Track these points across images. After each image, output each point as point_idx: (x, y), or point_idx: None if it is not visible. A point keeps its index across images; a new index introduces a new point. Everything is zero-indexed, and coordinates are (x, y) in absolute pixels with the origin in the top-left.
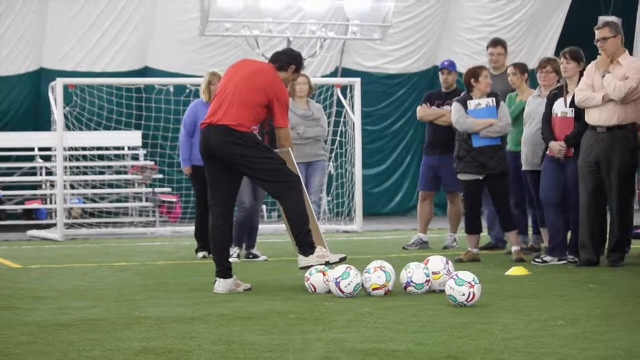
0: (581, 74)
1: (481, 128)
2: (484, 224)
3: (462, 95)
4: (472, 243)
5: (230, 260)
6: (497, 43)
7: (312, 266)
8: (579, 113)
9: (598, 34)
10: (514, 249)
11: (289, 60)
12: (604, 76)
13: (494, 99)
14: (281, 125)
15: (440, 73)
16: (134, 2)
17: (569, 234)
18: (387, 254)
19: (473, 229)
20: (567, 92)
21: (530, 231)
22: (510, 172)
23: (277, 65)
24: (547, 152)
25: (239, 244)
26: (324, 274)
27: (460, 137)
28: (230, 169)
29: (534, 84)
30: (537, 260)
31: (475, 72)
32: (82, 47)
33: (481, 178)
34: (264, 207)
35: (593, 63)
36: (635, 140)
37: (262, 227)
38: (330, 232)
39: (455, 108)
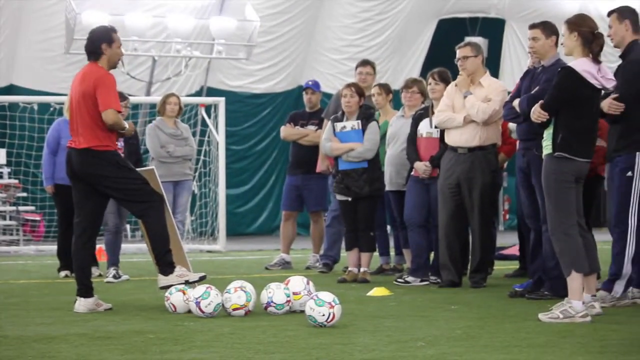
0: None
1: (338, 153)
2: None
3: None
4: (351, 261)
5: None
6: (366, 63)
7: (171, 285)
8: (444, 133)
9: (459, 53)
10: (362, 269)
11: (98, 43)
12: (465, 97)
13: (360, 121)
14: (107, 108)
15: (304, 92)
16: None
17: (432, 255)
18: (249, 273)
19: (349, 245)
20: (433, 113)
21: (393, 252)
22: (380, 195)
23: (93, 57)
24: (412, 172)
25: (114, 263)
26: (184, 293)
27: None
28: (95, 189)
29: (397, 105)
30: (399, 280)
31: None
32: None
33: (350, 199)
34: (127, 226)
35: (453, 83)
36: (496, 161)
37: (125, 246)
38: (193, 252)
39: (327, 127)
